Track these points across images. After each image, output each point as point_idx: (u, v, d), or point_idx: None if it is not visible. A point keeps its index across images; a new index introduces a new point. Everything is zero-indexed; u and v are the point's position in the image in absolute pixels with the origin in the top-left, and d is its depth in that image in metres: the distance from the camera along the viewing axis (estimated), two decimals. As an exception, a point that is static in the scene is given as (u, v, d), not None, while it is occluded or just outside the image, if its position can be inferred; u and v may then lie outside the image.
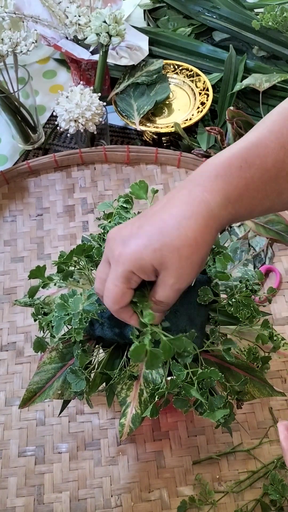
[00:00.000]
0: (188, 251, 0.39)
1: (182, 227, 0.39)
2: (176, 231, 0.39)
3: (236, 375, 0.51)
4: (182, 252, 0.39)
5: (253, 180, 0.41)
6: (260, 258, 0.77)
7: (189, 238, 0.39)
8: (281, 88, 0.93)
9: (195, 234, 0.39)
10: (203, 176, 0.41)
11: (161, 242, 0.40)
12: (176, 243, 0.39)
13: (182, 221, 0.40)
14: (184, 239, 0.39)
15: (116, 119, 0.95)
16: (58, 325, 0.48)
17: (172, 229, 0.40)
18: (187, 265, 0.40)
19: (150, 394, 0.50)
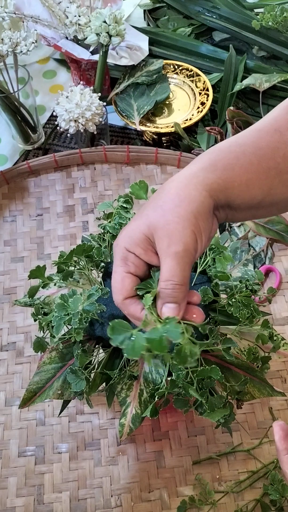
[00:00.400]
0: (171, 204, 0.38)
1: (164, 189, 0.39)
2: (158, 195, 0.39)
3: (236, 375, 0.51)
4: (166, 207, 0.38)
5: (245, 154, 0.40)
6: (260, 258, 0.77)
7: (171, 194, 0.38)
8: (281, 88, 0.93)
9: (176, 190, 0.38)
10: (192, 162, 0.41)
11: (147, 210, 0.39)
12: (159, 202, 0.39)
13: (165, 186, 0.40)
14: (166, 195, 0.38)
15: (116, 119, 0.95)
16: (58, 325, 0.47)
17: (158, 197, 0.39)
18: (174, 219, 0.37)
19: (150, 394, 0.50)
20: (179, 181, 0.39)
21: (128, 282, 0.40)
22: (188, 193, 0.38)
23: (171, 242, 0.37)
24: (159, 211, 0.38)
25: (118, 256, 0.40)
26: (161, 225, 0.37)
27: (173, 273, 0.37)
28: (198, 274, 0.54)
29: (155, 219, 0.38)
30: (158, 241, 0.38)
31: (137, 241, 0.39)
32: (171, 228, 0.37)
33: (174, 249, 0.37)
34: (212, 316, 0.53)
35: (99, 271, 0.57)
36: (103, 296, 0.49)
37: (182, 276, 0.37)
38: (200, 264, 0.54)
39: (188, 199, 0.38)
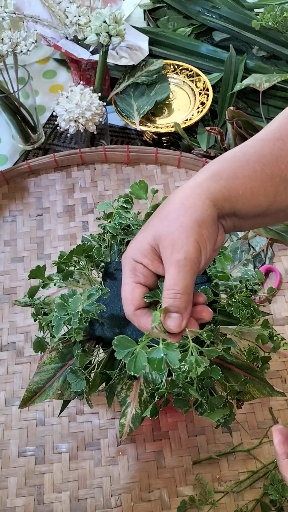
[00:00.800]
0: (175, 214, 0.38)
1: (169, 201, 0.40)
2: (164, 206, 0.40)
3: (236, 375, 0.51)
4: (170, 216, 0.39)
5: (249, 162, 0.40)
6: (260, 258, 0.77)
7: (175, 204, 0.39)
8: (281, 88, 0.93)
9: (181, 200, 0.39)
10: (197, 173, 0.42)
11: (153, 221, 0.40)
12: (164, 213, 0.39)
13: (170, 197, 0.40)
14: (171, 206, 0.39)
15: (116, 119, 0.95)
16: (58, 325, 0.47)
17: (161, 208, 0.40)
18: (177, 229, 0.38)
19: (150, 394, 0.50)
20: (184, 191, 0.40)
21: (138, 293, 0.40)
22: (192, 203, 0.38)
23: (174, 250, 0.37)
24: (164, 221, 0.39)
25: (127, 268, 0.40)
26: (166, 234, 0.38)
27: (174, 281, 0.37)
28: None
29: (160, 229, 0.39)
30: (163, 250, 0.38)
31: (144, 252, 0.39)
32: (175, 236, 0.38)
33: (176, 257, 0.37)
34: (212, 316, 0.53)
35: (99, 271, 0.57)
36: (103, 296, 0.49)
37: (183, 285, 0.37)
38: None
39: (192, 209, 0.38)
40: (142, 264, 0.40)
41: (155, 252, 0.39)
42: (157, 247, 0.39)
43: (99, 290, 0.48)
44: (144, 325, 0.39)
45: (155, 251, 0.39)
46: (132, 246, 0.41)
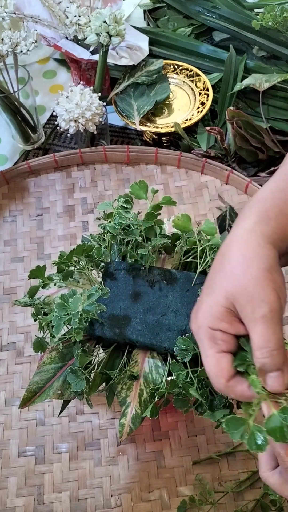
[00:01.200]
0: (241, 268, 0.36)
1: (226, 255, 0.38)
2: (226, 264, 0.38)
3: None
4: (236, 271, 0.36)
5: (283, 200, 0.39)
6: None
7: (236, 257, 0.37)
8: (281, 88, 0.93)
9: (240, 252, 0.37)
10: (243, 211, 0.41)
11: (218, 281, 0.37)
12: (227, 269, 0.37)
13: (226, 252, 0.38)
14: (231, 260, 0.37)
15: (116, 119, 0.95)
16: (58, 325, 0.48)
17: (221, 265, 0.38)
18: (250, 282, 0.35)
19: (150, 394, 0.50)
20: (238, 242, 0.38)
21: (225, 363, 0.37)
22: (253, 251, 0.37)
23: (255, 306, 0.35)
24: (231, 278, 0.36)
25: (204, 338, 0.37)
26: (239, 292, 0.36)
27: (266, 338, 0.35)
28: (198, 274, 0.54)
29: (231, 288, 0.36)
30: (242, 310, 0.36)
31: (220, 316, 0.37)
32: (251, 292, 0.35)
33: (261, 313, 0.35)
34: None
35: (99, 271, 0.57)
36: (103, 296, 0.49)
37: (276, 339, 0.35)
38: (200, 264, 0.54)
39: (256, 257, 0.36)
40: (221, 331, 0.37)
41: (232, 313, 0.37)
42: (233, 307, 0.36)
43: (99, 290, 0.48)
44: (241, 394, 0.37)
45: (232, 312, 0.37)
46: (202, 314, 0.38)
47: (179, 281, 0.54)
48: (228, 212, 0.82)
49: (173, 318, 0.52)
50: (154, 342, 0.51)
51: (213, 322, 0.37)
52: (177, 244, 0.57)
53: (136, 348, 0.53)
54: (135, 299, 0.54)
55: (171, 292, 0.54)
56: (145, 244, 0.55)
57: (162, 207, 0.58)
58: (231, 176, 0.84)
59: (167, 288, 0.54)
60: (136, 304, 0.53)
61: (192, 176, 0.88)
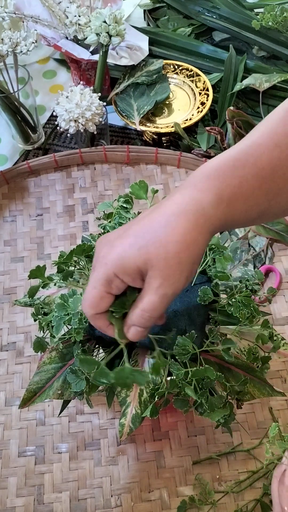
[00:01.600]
0: (176, 248, 0.37)
1: (170, 223, 0.37)
2: (163, 228, 0.37)
3: (236, 375, 0.51)
4: (169, 248, 0.37)
5: (247, 178, 0.39)
6: (260, 258, 0.77)
7: (177, 234, 0.37)
8: (281, 88, 0.93)
9: (184, 230, 0.37)
10: (195, 178, 0.40)
11: (147, 240, 0.38)
12: (163, 239, 0.37)
13: (171, 217, 0.38)
14: (171, 234, 0.37)
15: (116, 119, 0.95)
16: (58, 325, 0.48)
17: (159, 226, 0.38)
18: (175, 264, 0.37)
19: (150, 394, 0.50)
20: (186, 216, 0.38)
21: (105, 302, 0.40)
22: (195, 238, 0.38)
23: (164, 284, 0.38)
24: (161, 250, 0.37)
25: (102, 275, 0.39)
26: (160, 266, 0.37)
27: (154, 307, 0.39)
28: (198, 274, 0.54)
29: (155, 257, 0.37)
30: (151, 278, 0.38)
31: (129, 271, 0.38)
32: (169, 272, 0.37)
33: (164, 291, 0.38)
34: (212, 316, 0.53)
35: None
36: None
37: (160, 312, 0.39)
38: (200, 264, 0.54)
39: (193, 245, 0.37)
40: (122, 280, 0.39)
41: (140, 273, 0.38)
42: (145, 270, 0.38)
43: None
44: (101, 326, 0.41)
45: (141, 272, 0.38)
46: (115, 257, 0.38)
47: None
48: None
49: (172, 318, 0.52)
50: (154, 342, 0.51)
51: (120, 272, 0.38)
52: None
53: (136, 348, 0.53)
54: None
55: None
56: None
57: (162, 207, 0.58)
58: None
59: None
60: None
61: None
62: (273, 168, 0.40)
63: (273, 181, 0.40)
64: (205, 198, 0.38)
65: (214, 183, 0.39)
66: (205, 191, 0.39)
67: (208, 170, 0.40)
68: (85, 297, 0.40)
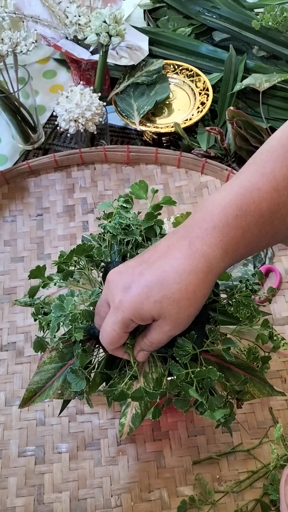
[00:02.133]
0: (186, 304, 0.42)
1: (183, 281, 0.41)
2: (177, 285, 0.41)
3: (236, 375, 0.51)
4: (181, 304, 0.42)
5: (249, 227, 0.42)
6: (260, 258, 0.77)
7: (188, 292, 0.41)
8: (281, 88, 0.93)
9: (194, 288, 0.41)
10: (201, 228, 0.42)
11: (161, 295, 0.41)
12: (176, 296, 0.41)
13: (183, 275, 0.41)
14: (185, 292, 0.41)
15: (116, 119, 0.95)
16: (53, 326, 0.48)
17: (173, 283, 0.41)
18: (184, 316, 0.43)
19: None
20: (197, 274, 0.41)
21: (123, 339, 0.46)
22: (204, 293, 0.43)
23: (173, 329, 0.44)
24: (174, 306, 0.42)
25: (120, 320, 0.43)
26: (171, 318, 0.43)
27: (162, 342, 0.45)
28: None
29: (168, 312, 0.42)
30: (162, 323, 0.43)
31: (144, 319, 0.43)
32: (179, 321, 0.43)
33: (172, 333, 0.44)
34: (212, 316, 0.53)
35: (99, 271, 0.57)
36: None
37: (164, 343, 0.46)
38: None
39: (201, 299, 0.43)
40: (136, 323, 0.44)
41: (153, 319, 0.43)
42: (157, 318, 0.43)
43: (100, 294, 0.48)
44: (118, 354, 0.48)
45: (154, 318, 0.43)
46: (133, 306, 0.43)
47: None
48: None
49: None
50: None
51: (136, 318, 0.43)
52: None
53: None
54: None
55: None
56: (145, 244, 0.55)
57: (162, 207, 0.58)
58: (231, 176, 0.84)
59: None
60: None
61: (192, 176, 0.88)
62: (272, 212, 0.43)
63: (272, 224, 0.43)
64: (212, 253, 0.42)
65: (220, 237, 0.42)
66: (213, 246, 0.42)
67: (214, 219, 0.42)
68: (105, 336, 0.45)
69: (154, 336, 0.45)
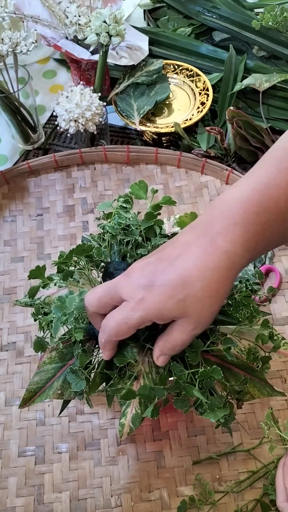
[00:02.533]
0: (209, 302, 0.41)
1: (206, 279, 0.41)
2: (200, 283, 0.41)
3: (236, 375, 0.51)
4: (204, 302, 0.41)
5: (269, 223, 0.42)
6: (260, 258, 0.77)
7: (212, 290, 0.41)
8: (281, 88, 0.93)
9: (217, 286, 0.41)
10: (222, 224, 0.42)
11: (185, 293, 0.41)
12: (199, 295, 0.41)
13: (206, 272, 0.41)
14: (208, 290, 0.41)
15: (116, 119, 0.95)
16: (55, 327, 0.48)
17: (196, 281, 0.41)
18: (207, 314, 0.42)
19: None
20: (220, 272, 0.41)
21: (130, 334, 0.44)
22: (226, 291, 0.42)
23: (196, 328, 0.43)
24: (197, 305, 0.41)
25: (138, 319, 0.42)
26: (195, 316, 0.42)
27: (184, 344, 0.44)
28: None
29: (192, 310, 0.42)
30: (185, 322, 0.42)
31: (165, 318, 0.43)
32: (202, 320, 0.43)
33: (195, 332, 0.43)
34: None
35: (99, 271, 0.57)
36: None
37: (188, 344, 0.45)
38: None
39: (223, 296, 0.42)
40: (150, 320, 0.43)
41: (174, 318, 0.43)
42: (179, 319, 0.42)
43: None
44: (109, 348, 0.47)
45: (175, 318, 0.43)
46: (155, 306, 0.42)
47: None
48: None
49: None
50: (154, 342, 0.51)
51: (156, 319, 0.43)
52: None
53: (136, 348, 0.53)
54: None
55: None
56: (145, 244, 0.55)
57: (162, 207, 0.58)
58: (231, 176, 0.84)
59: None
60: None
61: (192, 176, 0.88)
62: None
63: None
64: (234, 250, 0.41)
65: (241, 234, 0.41)
66: (235, 243, 0.41)
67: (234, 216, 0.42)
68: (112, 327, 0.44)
69: (177, 337, 0.43)
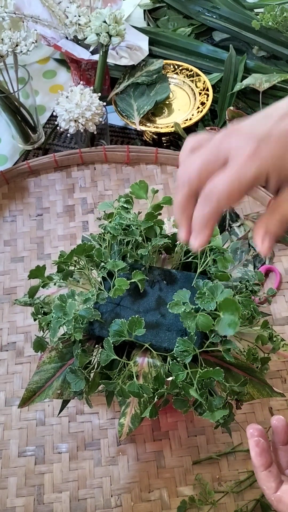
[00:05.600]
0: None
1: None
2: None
3: (235, 376, 0.51)
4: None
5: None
6: (260, 258, 0.77)
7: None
8: (281, 88, 0.93)
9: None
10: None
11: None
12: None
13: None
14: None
15: (116, 119, 0.95)
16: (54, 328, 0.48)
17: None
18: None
19: (150, 394, 0.50)
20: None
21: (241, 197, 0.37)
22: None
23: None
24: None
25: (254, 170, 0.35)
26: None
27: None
28: (198, 275, 0.54)
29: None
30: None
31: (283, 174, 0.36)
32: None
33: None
34: None
35: (99, 271, 0.57)
36: (100, 302, 0.49)
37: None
38: (200, 264, 0.54)
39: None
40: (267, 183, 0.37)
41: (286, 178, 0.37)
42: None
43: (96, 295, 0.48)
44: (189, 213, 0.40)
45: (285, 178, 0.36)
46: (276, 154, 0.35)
47: (179, 281, 0.54)
48: (228, 212, 0.81)
49: (173, 318, 0.52)
50: (154, 342, 0.51)
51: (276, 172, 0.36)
52: (177, 244, 0.57)
53: (135, 348, 0.53)
54: (135, 299, 0.54)
55: (171, 292, 0.54)
56: (145, 244, 0.55)
57: (163, 207, 0.58)
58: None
59: (167, 288, 0.54)
60: (136, 304, 0.53)
61: None
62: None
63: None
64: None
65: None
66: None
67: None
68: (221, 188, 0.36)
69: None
